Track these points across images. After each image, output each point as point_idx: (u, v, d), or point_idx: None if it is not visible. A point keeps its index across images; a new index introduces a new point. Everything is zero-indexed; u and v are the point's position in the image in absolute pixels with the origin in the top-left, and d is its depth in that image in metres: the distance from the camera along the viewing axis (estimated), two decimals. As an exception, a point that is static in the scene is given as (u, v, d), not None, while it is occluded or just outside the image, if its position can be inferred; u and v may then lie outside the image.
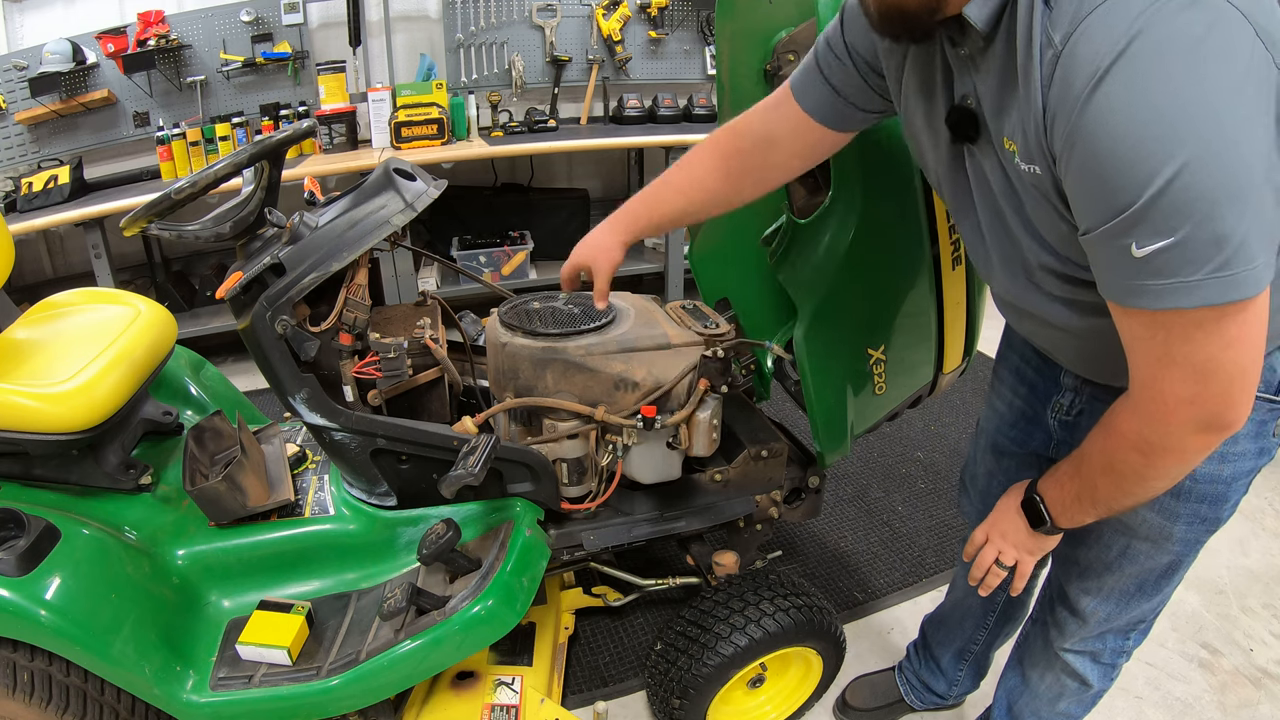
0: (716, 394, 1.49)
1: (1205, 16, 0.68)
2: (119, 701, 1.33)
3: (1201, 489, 1.08)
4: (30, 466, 1.45)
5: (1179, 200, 0.70)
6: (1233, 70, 0.69)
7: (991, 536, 1.16)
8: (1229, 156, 0.69)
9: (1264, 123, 0.71)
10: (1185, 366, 0.80)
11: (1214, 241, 0.71)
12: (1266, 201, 0.72)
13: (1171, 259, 0.73)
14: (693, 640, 1.52)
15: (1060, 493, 1.06)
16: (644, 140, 3.62)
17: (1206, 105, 0.68)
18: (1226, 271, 0.73)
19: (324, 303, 1.38)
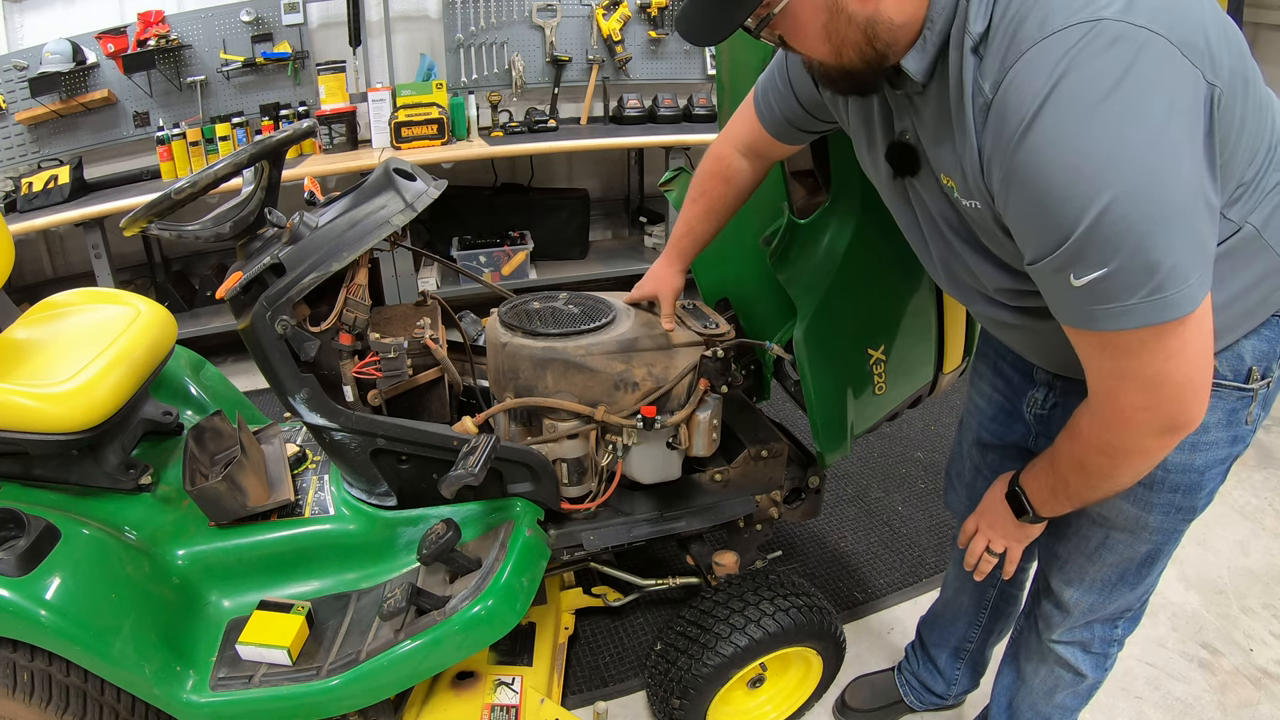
0: (716, 394, 1.49)
1: (1125, 54, 0.72)
2: (119, 701, 1.33)
3: (1175, 479, 1.09)
4: (30, 466, 1.45)
5: (1108, 234, 0.75)
6: (1154, 105, 0.73)
7: (980, 526, 1.22)
8: (1153, 189, 0.74)
9: (1191, 147, 0.75)
10: (1136, 379, 0.85)
11: (1145, 269, 0.77)
12: (1197, 221, 0.77)
13: (1108, 287, 0.79)
14: (693, 640, 1.52)
15: (1038, 485, 1.11)
16: (644, 140, 3.62)
17: (1128, 143, 0.73)
18: (1160, 294, 0.78)
19: (324, 303, 1.38)
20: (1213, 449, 1.08)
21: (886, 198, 1.13)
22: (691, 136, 3.54)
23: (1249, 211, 0.92)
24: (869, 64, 0.89)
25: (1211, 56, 0.76)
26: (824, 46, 0.89)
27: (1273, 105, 0.91)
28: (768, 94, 1.26)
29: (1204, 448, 1.07)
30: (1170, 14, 0.74)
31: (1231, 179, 0.87)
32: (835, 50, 0.89)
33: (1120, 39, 0.72)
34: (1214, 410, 1.03)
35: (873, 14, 0.84)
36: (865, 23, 0.85)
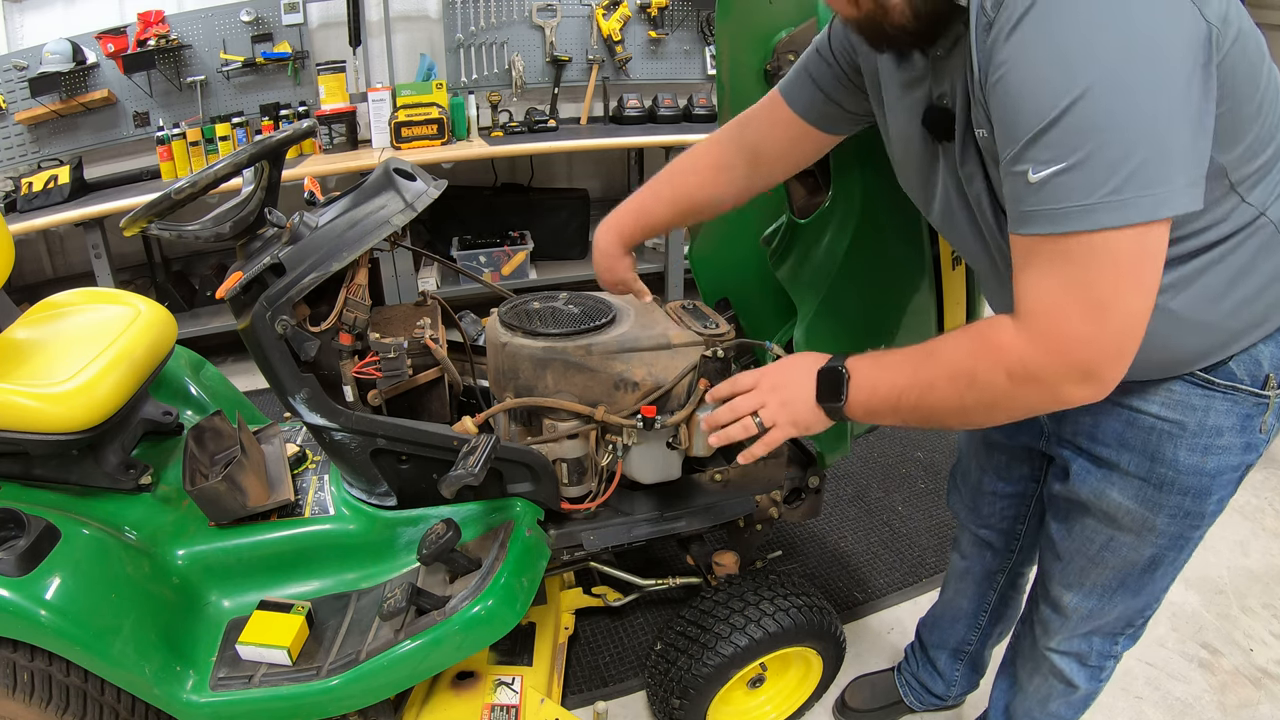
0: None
1: None
2: (119, 701, 1.33)
3: (1185, 480, 1.07)
4: (30, 466, 1.45)
5: (1078, 124, 0.74)
6: (1138, 9, 0.72)
7: (762, 385, 1.07)
8: (1133, 85, 0.72)
9: (1181, 63, 0.74)
10: (1084, 300, 0.80)
11: (1110, 165, 0.74)
12: (1177, 129, 0.74)
13: (1069, 182, 0.75)
14: (693, 640, 1.52)
15: (874, 377, 0.99)
16: (644, 140, 3.62)
17: (1115, 37, 0.72)
18: (1120, 195, 0.74)
19: (324, 303, 1.38)
20: (1225, 454, 1.05)
21: (914, 170, 1.07)
22: (691, 136, 3.54)
23: (1269, 199, 0.89)
24: (900, 25, 0.86)
25: (1219, 13, 0.76)
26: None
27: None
28: (802, 72, 1.19)
29: (1216, 451, 1.04)
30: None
31: (1243, 144, 0.84)
32: None
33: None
34: (1229, 414, 1.02)
35: None
36: None
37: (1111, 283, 0.79)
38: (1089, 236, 0.77)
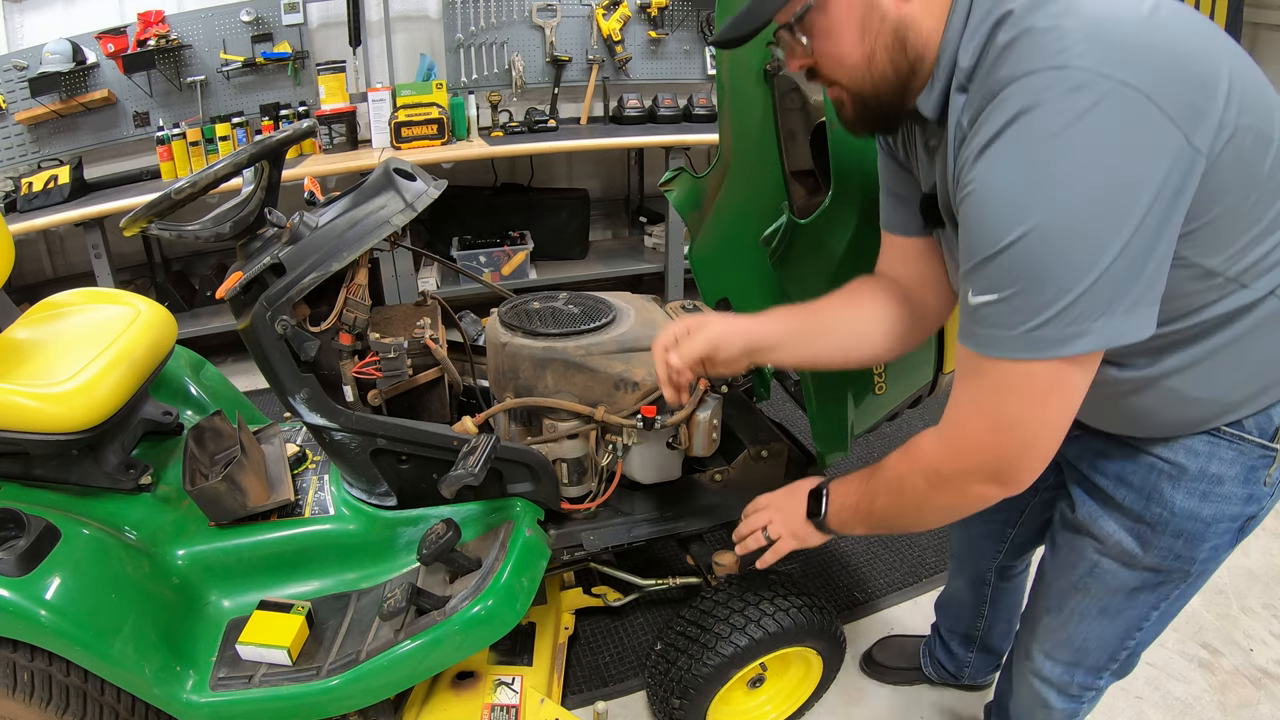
0: (716, 394, 1.49)
1: (1089, 98, 0.73)
2: (119, 701, 1.33)
3: (1178, 523, 1.05)
4: (30, 466, 1.45)
5: (1016, 261, 0.77)
6: (1100, 153, 0.73)
7: (771, 505, 1.23)
8: (1080, 229, 0.75)
9: (1147, 205, 0.74)
10: (991, 415, 0.86)
11: (1038, 305, 0.78)
12: (1123, 271, 0.76)
13: (1000, 311, 0.80)
14: (693, 640, 1.52)
15: (845, 495, 1.12)
16: (644, 140, 3.61)
17: (1064, 179, 0.74)
18: (1043, 331, 0.78)
19: (324, 303, 1.38)
20: (1224, 502, 1.03)
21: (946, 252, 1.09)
22: (691, 136, 3.54)
23: None
24: (899, 76, 0.90)
25: (1211, 116, 0.76)
26: (858, 51, 0.90)
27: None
28: (887, 195, 1.17)
29: (1215, 498, 1.03)
30: (1162, 67, 0.75)
31: (1242, 239, 0.85)
32: (868, 55, 0.90)
33: (1082, 87, 0.73)
34: (1233, 464, 1.00)
35: (904, 16, 0.87)
36: (897, 23, 0.87)
37: (1021, 408, 0.84)
38: (1006, 363, 0.82)
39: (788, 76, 1.57)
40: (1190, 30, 0.80)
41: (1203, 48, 0.79)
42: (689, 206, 1.91)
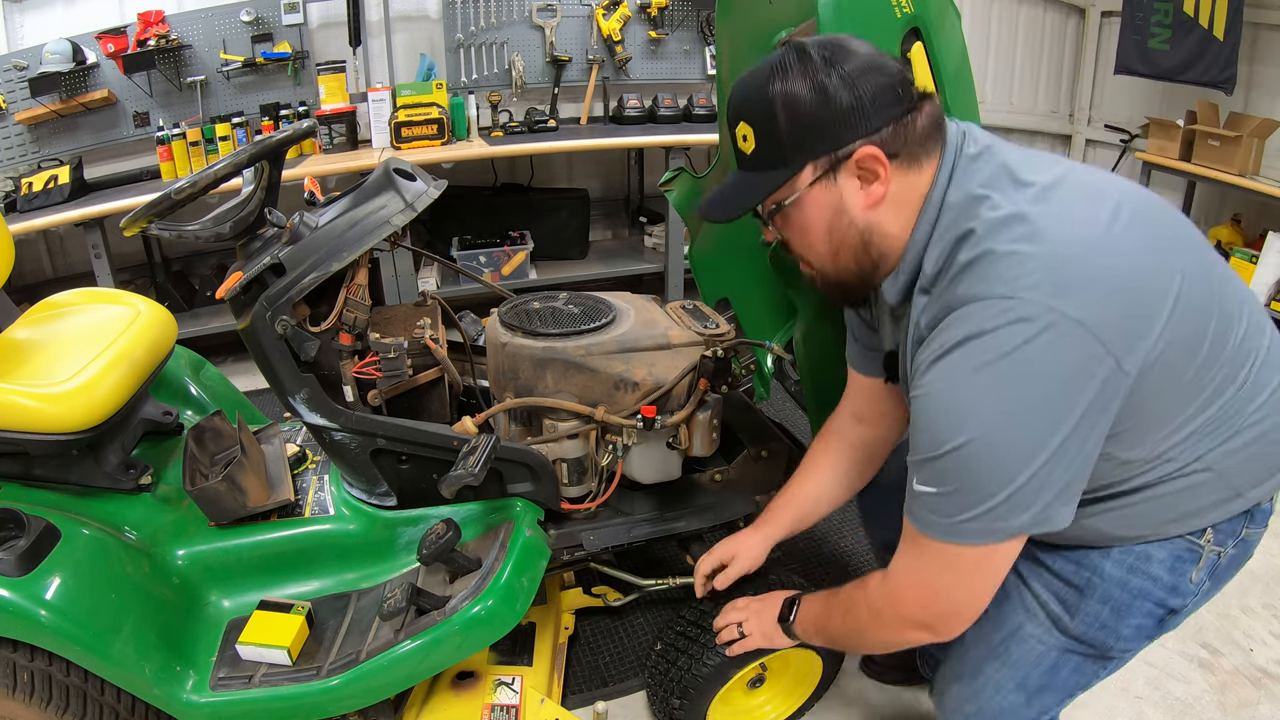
0: (716, 394, 1.49)
1: (1033, 329, 0.83)
2: (119, 701, 1.33)
3: (1106, 588, 1.09)
4: (30, 466, 1.45)
5: (953, 467, 0.89)
6: (1032, 382, 0.84)
7: (749, 608, 1.39)
8: (1010, 445, 0.86)
9: (1074, 421, 0.85)
10: (925, 581, 1.00)
11: (968, 504, 0.90)
12: (1038, 486, 0.88)
13: (936, 502, 0.93)
14: (692, 640, 1.52)
15: (810, 608, 1.27)
16: (644, 140, 3.61)
17: (1001, 401, 0.85)
18: (974, 523, 0.91)
19: (324, 303, 1.38)
20: (1150, 581, 1.08)
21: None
22: (691, 136, 3.54)
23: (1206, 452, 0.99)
24: (861, 271, 1.01)
25: (1148, 339, 0.86)
26: (825, 247, 1.00)
27: (1254, 359, 0.99)
28: (854, 342, 1.30)
29: (1142, 574, 1.08)
30: (1109, 297, 0.84)
31: (1168, 426, 0.96)
32: (834, 251, 1.00)
33: (1027, 319, 0.83)
34: (1162, 548, 1.07)
35: (871, 222, 0.97)
36: (864, 228, 0.98)
37: (951, 580, 0.97)
38: (940, 544, 0.95)
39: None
40: (1148, 241, 0.90)
41: (1157, 266, 0.89)
42: (689, 206, 1.91)
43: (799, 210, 0.98)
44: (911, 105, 0.94)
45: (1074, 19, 4.54)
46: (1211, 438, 0.98)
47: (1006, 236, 0.87)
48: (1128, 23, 3.85)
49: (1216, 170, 3.55)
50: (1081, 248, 0.86)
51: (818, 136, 0.93)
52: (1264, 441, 1.00)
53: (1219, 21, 3.43)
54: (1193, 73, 3.60)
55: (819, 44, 0.94)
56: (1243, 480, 1.02)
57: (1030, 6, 4.52)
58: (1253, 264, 3.48)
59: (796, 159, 0.95)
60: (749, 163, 0.99)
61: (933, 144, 0.96)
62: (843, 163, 0.94)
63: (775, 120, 0.93)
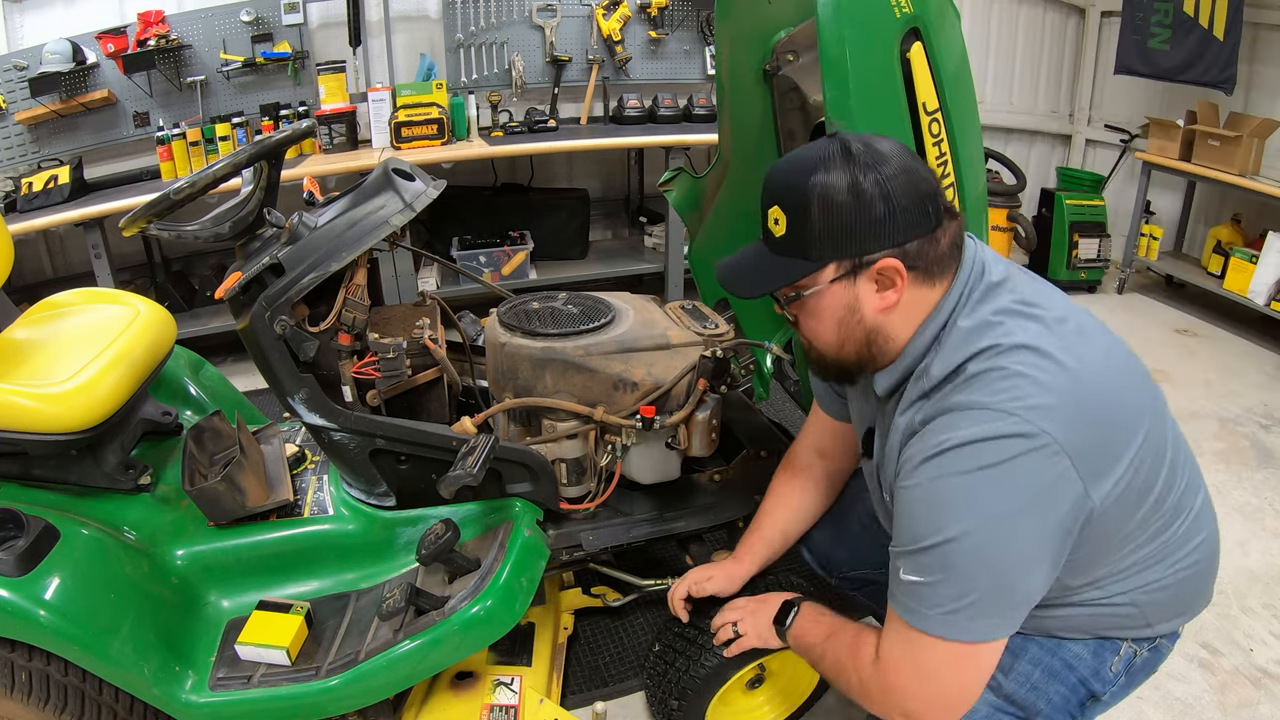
0: (715, 394, 1.49)
1: (1023, 445, 0.91)
2: (118, 701, 1.33)
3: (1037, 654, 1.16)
4: (30, 466, 1.45)
5: (936, 560, 0.95)
6: (1022, 488, 0.93)
7: (745, 609, 1.39)
8: (989, 548, 0.94)
9: (1043, 539, 0.94)
10: (913, 665, 1.02)
11: (950, 597, 0.96)
12: (1009, 589, 0.96)
13: (919, 592, 0.98)
14: (691, 641, 1.52)
15: (807, 628, 1.27)
16: (644, 140, 3.61)
17: (987, 506, 0.93)
18: (954, 617, 0.96)
19: (323, 303, 1.38)
20: (1075, 659, 1.15)
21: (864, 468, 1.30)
22: (691, 136, 3.54)
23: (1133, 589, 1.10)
24: (860, 362, 1.08)
25: (1112, 476, 0.96)
26: (832, 336, 1.06)
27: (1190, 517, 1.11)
28: (824, 392, 1.38)
29: (1068, 651, 1.15)
30: (1093, 429, 0.94)
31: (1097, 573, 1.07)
32: (840, 343, 1.07)
33: (1025, 436, 0.91)
34: (1087, 642, 1.15)
35: (879, 324, 1.04)
36: (871, 328, 1.04)
37: (939, 667, 1.00)
38: (933, 639, 0.98)
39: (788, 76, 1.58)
40: (1130, 380, 1.03)
41: (1135, 407, 1.01)
42: (688, 206, 1.91)
43: (814, 300, 1.04)
44: (938, 223, 1.00)
45: (1074, 19, 4.54)
46: (1139, 576, 1.09)
47: (1018, 359, 0.95)
48: (1128, 23, 3.85)
49: (1216, 170, 3.55)
50: (1079, 382, 0.95)
51: (846, 240, 0.98)
52: (1181, 586, 1.13)
53: (1219, 21, 3.43)
54: (1193, 73, 3.60)
55: (864, 143, 0.99)
56: (1157, 616, 1.14)
57: (1030, 6, 4.52)
58: (1252, 264, 3.48)
59: (823, 256, 1.00)
60: (776, 246, 1.04)
61: (950, 262, 1.03)
62: (865, 268, 1.00)
63: (809, 214, 0.98)
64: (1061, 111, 4.74)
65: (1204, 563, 1.15)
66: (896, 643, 1.03)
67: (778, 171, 1.03)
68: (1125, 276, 4.22)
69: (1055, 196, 4.18)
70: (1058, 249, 4.17)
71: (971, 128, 1.37)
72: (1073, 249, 4.14)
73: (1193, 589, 1.16)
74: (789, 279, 1.03)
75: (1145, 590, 1.11)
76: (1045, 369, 0.94)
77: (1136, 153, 4.02)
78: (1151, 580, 1.10)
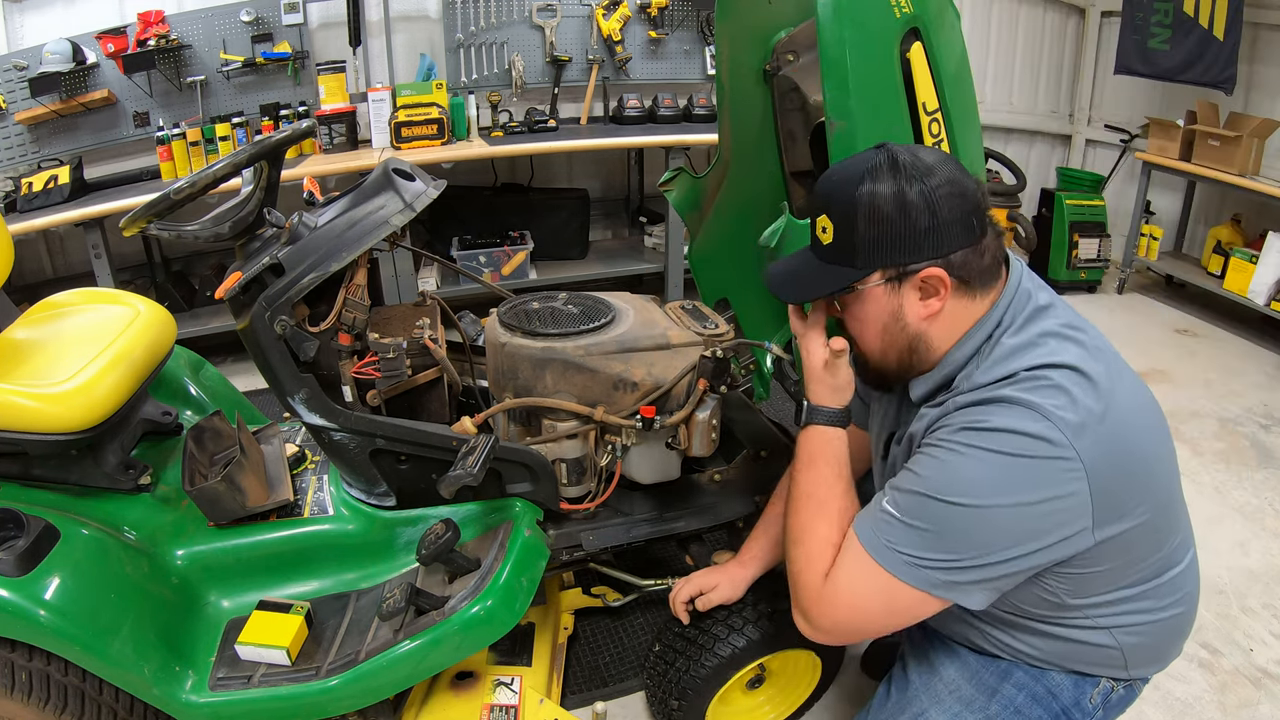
0: (715, 394, 1.49)
1: (1050, 451, 0.95)
2: (118, 701, 1.33)
3: (1021, 676, 1.19)
4: (30, 466, 1.45)
5: (930, 512, 1.00)
6: (1030, 487, 0.96)
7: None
8: (986, 528, 0.98)
9: (1040, 542, 0.98)
10: (859, 607, 1.06)
11: (923, 546, 1.00)
12: (988, 566, 0.99)
13: (894, 528, 1.02)
14: (691, 641, 1.52)
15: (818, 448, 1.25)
16: (644, 140, 3.61)
17: (992, 488, 0.96)
18: (922, 570, 1.01)
19: (323, 303, 1.38)
20: (1056, 686, 1.17)
21: (875, 466, 1.35)
22: (691, 136, 3.54)
23: (1115, 626, 1.13)
24: (900, 368, 1.11)
25: (1126, 521, 1.00)
26: (876, 342, 1.10)
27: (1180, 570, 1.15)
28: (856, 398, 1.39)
29: (1050, 680, 1.18)
30: (1120, 469, 0.98)
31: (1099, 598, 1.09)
32: (883, 348, 1.10)
33: (1045, 439, 0.95)
34: (1071, 663, 1.17)
35: (922, 331, 1.07)
36: (914, 335, 1.08)
37: (882, 612, 1.05)
38: (891, 577, 1.02)
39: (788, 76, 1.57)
40: (1152, 422, 1.07)
41: (1156, 454, 1.06)
42: (689, 206, 1.91)
43: (860, 304, 1.08)
44: (982, 234, 1.04)
45: (1074, 19, 4.54)
46: (1127, 616, 1.12)
47: (1063, 376, 0.98)
48: (1128, 23, 3.85)
49: (1216, 170, 3.55)
50: (1111, 411, 0.98)
51: (892, 249, 1.02)
52: (1160, 634, 1.16)
53: (1219, 21, 3.43)
54: (1193, 73, 3.60)
55: (911, 154, 1.02)
56: (1135, 659, 1.17)
57: (1030, 6, 4.52)
58: (1252, 264, 3.48)
59: (869, 264, 1.04)
60: (824, 254, 1.08)
61: (992, 276, 1.06)
62: (909, 276, 1.04)
63: (856, 223, 1.02)
64: (1061, 111, 4.74)
65: (1183, 617, 1.19)
66: (857, 576, 1.06)
67: (827, 181, 1.07)
68: (1125, 276, 4.22)
69: (1055, 196, 4.19)
70: (1058, 249, 4.17)
71: (971, 128, 1.37)
72: (1073, 249, 4.14)
73: (1169, 639, 1.20)
74: (836, 286, 1.06)
75: (1127, 631, 1.14)
76: (1086, 390, 0.98)
77: (1136, 153, 4.02)
78: (1134, 623, 1.13)
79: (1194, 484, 2.60)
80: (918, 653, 1.31)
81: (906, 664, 1.31)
